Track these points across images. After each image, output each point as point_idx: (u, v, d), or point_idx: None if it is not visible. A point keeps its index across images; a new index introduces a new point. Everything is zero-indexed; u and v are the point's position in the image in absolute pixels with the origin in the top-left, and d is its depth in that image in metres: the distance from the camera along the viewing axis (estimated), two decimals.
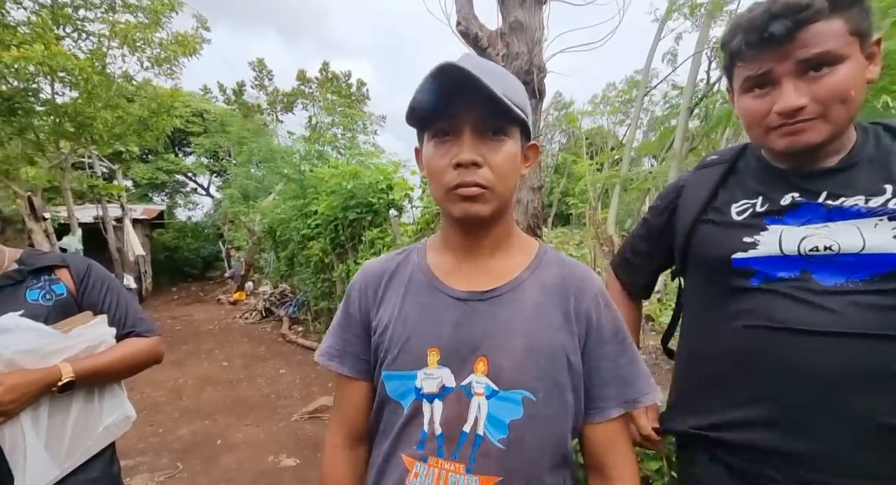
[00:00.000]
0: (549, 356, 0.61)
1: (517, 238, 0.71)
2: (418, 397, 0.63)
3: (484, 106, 0.58)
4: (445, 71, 0.55)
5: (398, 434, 0.64)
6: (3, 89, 4.89)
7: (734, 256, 0.73)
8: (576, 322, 0.64)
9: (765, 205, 0.73)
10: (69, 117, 5.55)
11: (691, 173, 0.90)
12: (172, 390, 4.27)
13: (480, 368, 0.61)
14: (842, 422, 0.63)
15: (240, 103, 18.92)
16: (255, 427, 3.39)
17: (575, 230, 15.13)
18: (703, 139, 3.53)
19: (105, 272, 1.11)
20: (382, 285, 0.71)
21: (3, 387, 0.82)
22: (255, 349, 5.76)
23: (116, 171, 9.61)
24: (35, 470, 0.86)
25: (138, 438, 3.19)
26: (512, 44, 1.82)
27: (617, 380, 0.64)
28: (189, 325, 7.56)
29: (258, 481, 2.63)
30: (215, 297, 10.50)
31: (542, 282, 0.66)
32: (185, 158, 16.51)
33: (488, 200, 0.61)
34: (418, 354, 0.63)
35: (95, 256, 1.11)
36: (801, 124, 0.66)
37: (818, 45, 0.63)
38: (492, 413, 0.60)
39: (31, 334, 0.88)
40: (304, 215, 5.76)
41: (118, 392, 1.05)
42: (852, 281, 0.64)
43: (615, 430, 0.65)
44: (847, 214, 0.66)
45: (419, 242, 0.77)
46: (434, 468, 0.61)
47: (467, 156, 0.58)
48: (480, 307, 0.64)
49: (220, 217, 13.72)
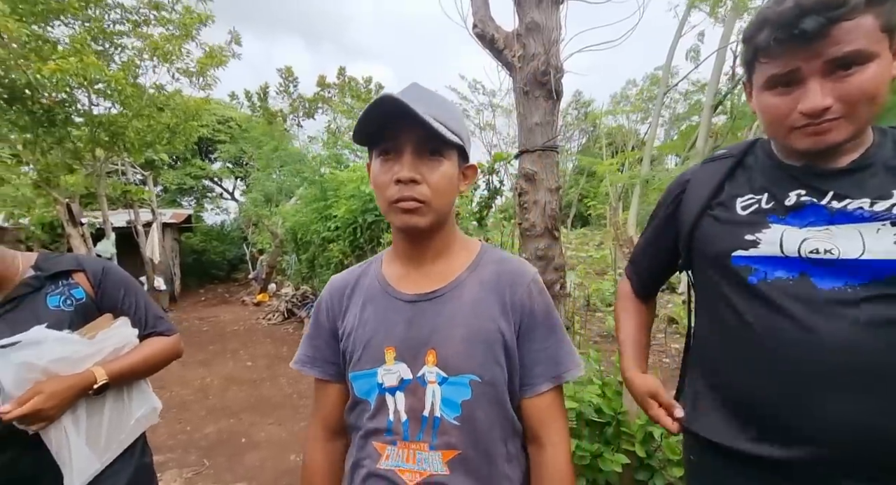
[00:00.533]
0: (489, 343, 0.70)
1: (459, 243, 0.80)
2: (381, 391, 0.72)
3: (421, 131, 0.66)
4: (382, 102, 0.64)
5: (368, 427, 0.73)
6: (43, 101, 5.17)
7: (734, 254, 0.73)
8: (511, 311, 0.72)
9: (770, 202, 0.73)
10: (104, 127, 5.83)
11: (698, 167, 0.89)
12: (199, 388, 4.41)
13: (431, 359, 0.70)
14: (837, 430, 0.63)
15: (264, 109, 19.46)
16: (278, 426, 3.46)
17: (595, 231, 14.88)
18: (727, 137, 3.40)
19: (122, 273, 1.11)
20: (346, 296, 0.80)
21: (44, 395, 0.85)
22: (277, 350, 5.90)
23: (148, 177, 10.04)
24: (80, 465, 0.92)
25: (168, 435, 3.31)
26: (528, 45, 1.81)
27: (546, 359, 0.73)
28: (215, 325, 7.81)
29: (280, 480, 2.69)
30: (240, 298, 10.80)
31: (481, 279, 0.75)
32: (211, 164, 17.08)
33: (425, 213, 0.69)
34: (377, 354, 0.72)
35: (128, 259, 1.16)
36: (826, 124, 0.64)
37: (850, 43, 0.61)
38: (445, 397, 0.69)
39: (61, 344, 0.92)
40: (324, 218, 5.87)
41: (144, 387, 1.10)
42: (851, 285, 0.63)
43: (546, 402, 0.73)
44: (850, 217, 0.65)
45: (377, 255, 0.87)
46: (402, 450, 0.70)
47: (406, 173, 0.67)
48: (427, 307, 0.73)
49: (244, 220, 14.13)
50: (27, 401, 0.84)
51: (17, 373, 0.86)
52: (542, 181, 1.84)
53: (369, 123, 0.67)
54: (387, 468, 0.70)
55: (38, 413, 0.84)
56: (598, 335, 5.35)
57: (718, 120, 4.67)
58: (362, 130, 0.70)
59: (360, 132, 0.70)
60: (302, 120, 19.91)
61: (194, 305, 10.36)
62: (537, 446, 0.74)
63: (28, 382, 0.87)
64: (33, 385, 0.87)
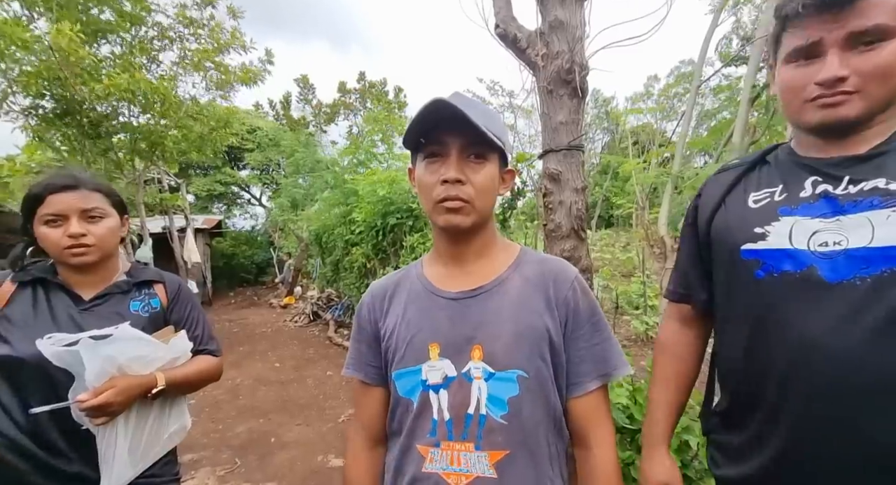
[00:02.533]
0: (535, 337, 0.70)
1: (499, 244, 0.82)
2: (425, 389, 0.71)
3: (468, 135, 0.69)
4: (437, 105, 0.66)
5: (411, 428, 0.73)
6: (91, 115, 5.50)
7: (744, 247, 0.72)
8: (556, 307, 0.73)
9: (783, 195, 0.72)
10: (143, 137, 6.15)
11: (712, 177, 0.90)
12: (230, 389, 4.55)
13: (476, 354, 0.70)
14: (845, 438, 0.61)
15: (287, 117, 20.02)
16: (306, 427, 3.53)
17: (621, 232, 14.49)
18: (765, 131, 3.22)
19: (190, 292, 1.21)
20: (387, 299, 0.82)
21: (116, 389, 0.89)
22: (304, 351, 6.03)
23: (182, 184, 10.49)
24: (119, 470, 0.94)
25: (202, 433, 3.43)
26: (552, 43, 1.78)
27: (593, 357, 0.73)
28: (245, 327, 8.06)
29: (309, 480, 2.73)
30: (267, 301, 11.12)
31: (524, 276, 0.76)
32: (239, 172, 17.71)
33: (468, 213, 0.71)
34: (421, 350, 0.73)
35: (163, 264, 1.21)
36: (839, 97, 0.64)
37: (876, 16, 0.61)
38: (491, 393, 0.69)
39: (140, 344, 0.97)
40: (347, 222, 5.97)
41: (182, 403, 1.12)
42: (860, 277, 0.61)
43: (594, 401, 0.73)
44: (860, 206, 0.63)
45: (417, 260, 0.89)
46: (447, 451, 0.69)
47: (453, 174, 0.69)
48: (471, 303, 0.74)
49: (271, 225, 14.55)
50: (102, 393, 0.88)
51: (101, 365, 0.89)
52: (568, 181, 1.81)
53: (422, 126, 0.70)
54: (431, 472, 0.69)
55: (107, 406, 0.88)
56: (627, 338, 5.20)
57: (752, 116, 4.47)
58: (415, 134, 0.72)
59: (412, 136, 0.73)
60: (324, 126, 20.37)
61: (225, 308, 10.73)
62: (584, 448, 0.73)
63: (106, 374, 0.90)
64: (109, 379, 0.91)
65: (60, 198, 0.98)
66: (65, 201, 0.98)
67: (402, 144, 0.79)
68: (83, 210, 0.99)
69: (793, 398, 0.65)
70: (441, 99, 0.66)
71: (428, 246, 4.10)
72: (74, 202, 0.99)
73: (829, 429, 0.62)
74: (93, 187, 1.03)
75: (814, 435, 0.63)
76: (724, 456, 0.79)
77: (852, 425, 0.60)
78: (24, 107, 5.26)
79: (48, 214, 0.97)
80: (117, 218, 1.08)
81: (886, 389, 0.58)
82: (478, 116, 0.67)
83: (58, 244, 0.98)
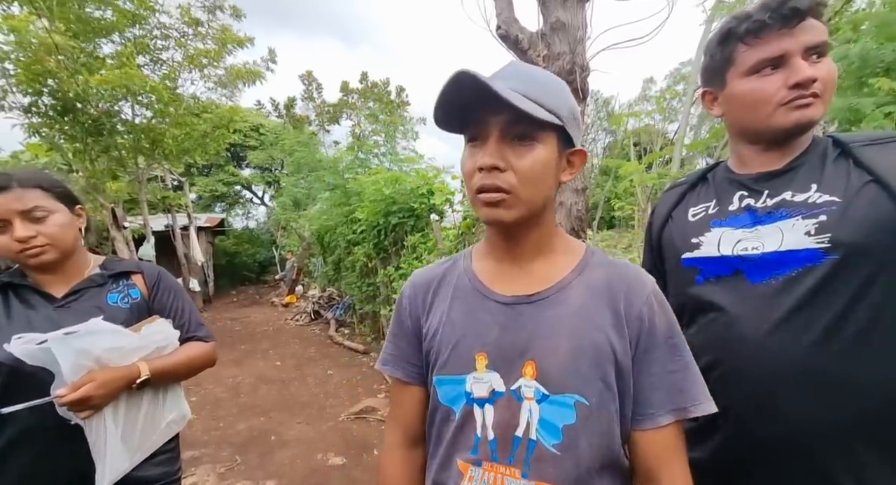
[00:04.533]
0: (598, 358, 0.59)
1: (561, 241, 0.70)
2: (469, 402, 0.63)
3: (509, 112, 0.57)
4: (458, 80, 0.56)
5: (452, 440, 0.65)
6: (92, 112, 5.54)
7: (683, 256, 0.82)
8: (626, 324, 0.61)
9: (715, 208, 0.83)
10: (145, 134, 6.19)
11: (662, 195, 1.00)
12: (232, 387, 4.57)
13: (529, 371, 0.61)
14: (774, 422, 0.70)
15: (290, 116, 20.06)
16: (306, 425, 3.54)
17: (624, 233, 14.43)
18: None
19: (173, 280, 1.19)
20: (431, 292, 0.73)
21: (95, 382, 0.89)
22: (305, 350, 6.04)
23: (185, 182, 10.53)
24: (113, 460, 0.94)
25: (203, 430, 3.44)
26: (553, 44, 1.79)
27: (668, 386, 0.60)
28: (246, 326, 8.08)
29: (309, 478, 2.75)
30: (269, 299, 11.15)
31: (589, 283, 0.64)
32: (242, 171, 17.75)
33: (511, 205, 0.60)
34: (466, 358, 0.64)
35: (165, 261, 1.22)
36: (810, 98, 0.72)
37: (818, 34, 0.71)
38: (544, 417, 0.59)
39: (113, 335, 0.97)
40: (348, 221, 5.98)
41: (178, 391, 1.12)
42: (775, 278, 0.72)
43: (666, 438, 0.61)
44: (773, 217, 0.74)
45: (466, 249, 0.78)
46: (489, 472, 0.61)
47: (487, 160, 0.59)
48: (526, 310, 0.64)
49: (273, 224, 14.58)
50: (81, 387, 0.87)
51: (75, 359, 0.89)
52: (568, 182, 1.82)
53: (448, 104, 0.60)
54: None
55: (88, 400, 0.88)
56: None
57: None
58: (442, 114, 0.62)
59: (440, 116, 0.62)
60: (327, 125, 20.40)
61: (227, 306, 10.76)
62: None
63: (83, 368, 0.90)
64: (87, 372, 0.90)
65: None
66: (1, 205, 0.91)
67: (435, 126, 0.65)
68: (22, 211, 0.93)
69: (731, 390, 0.72)
70: (463, 72, 0.55)
71: (429, 245, 4.11)
72: (9, 204, 0.92)
73: (754, 411, 0.71)
74: (30, 184, 0.95)
75: (746, 418, 0.72)
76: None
77: (772, 406, 0.70)
78: (25, 105, 5.30)
79: None
80: (66, 211, 1.01)
81: (793, 372, 0.68)
82: (524, 87, 0.57)
83: (9, 249, 0.93)
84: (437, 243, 3.85)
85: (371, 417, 3.59)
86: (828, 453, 0.67)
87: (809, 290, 0.68)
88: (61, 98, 5.24)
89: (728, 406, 0.72)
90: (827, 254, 0.68)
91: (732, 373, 0.73)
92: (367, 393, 4.19)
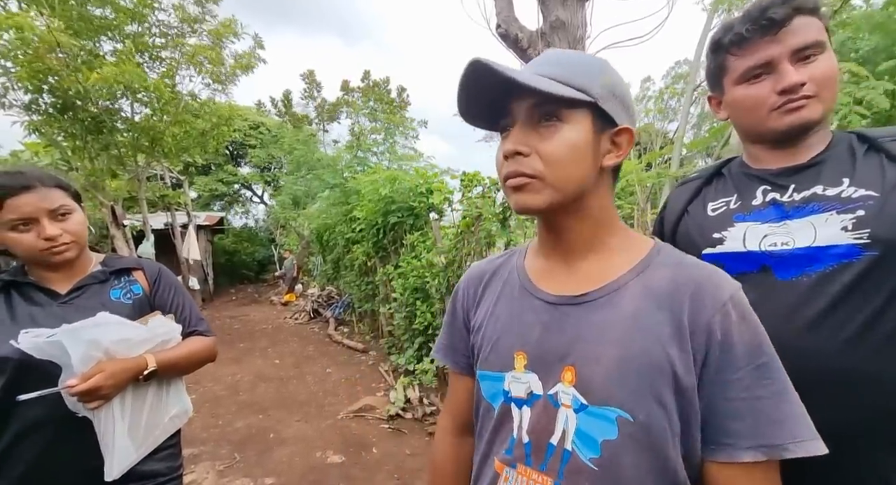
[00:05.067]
0: (651, 371, 0.52)
1: (619, 238, 0.63)
2: (506, 401, 0.62)
3: (532, 95, 0.55)
4: (473, 70, 0.54)
5: (491, 436, 0.64)
6: (92, 110, 5.53)
7: (704, 252, 0.79)
8: (690, 335, 0.52)
9: (737, 203, 0.80)
10: (144, 133, 6.18)
11: (674, 189, 0.97)
12: (231, 385, 4.57)
13: (568, 377, 0.56)
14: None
15: (290, 114, 20.04)
16: (305, 423, 3.55)
17: None
18: None
19: (173, 276, 1.21)
20: (482, 286, 0.72)
21: (105, 373, 0.90)
22: (304, 349, 6.04)
23: (184, 181, 10.52)
24: (120, 455, 0.94)
25: (202, 428, 3.45)
26: (553, 43, 1.79)
27: (753, 415, 0.50)
28: (245, 324, 8.08)
29: (307, 476, 2.75)
30: (268, 298, 11.14)
31: (650, 285, 0.56)
32: (241, 170, 17.73)
33: (538, 190, 0.57)
34: (505, 356, 0.62)
35: (165, 259, 1.23)
36: (802, 100, 0.72)
37: (808, 34, 0.71)
38: (581, 429, 0.54)
39: (121, 327, 0.98)
40: (348, 220, 5.98)
41: (180, 386, 1.13)
42: (807, 274, 0.69)
43: (747, 477, 0.51)
44: (803, 211, 0.72)
45: (524, 243, 0.78)
46: (522, 477, 0.59)
47: (509, 146, 0.57)
48: (572, 312, 0.59)
49: (272, 223, 14.58)
50: (91, 377, 0.88)
51: (85, 350, 0.90)
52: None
53: (470, 98, 0.58)
54: None
55: (98, 390, 0.88)
56: None
57: None
58: (465, 107, 0.61)
59: (464, 109, 0.61)
60: (326, 124, 20.38)
61: (226, 304, 10.76)
62: None
63: (92, 359, 0.91)
64: (96, 363, 0.91)
65: (23, 201, 0.93)
66: (29, 204, 0.94)
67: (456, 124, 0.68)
68: (50, 210, 0.96)
69: None
70: (476, 60, 0.53)
71: (428, 244, 4.11)
72: (39, 203, 0.95)
73: None
74: (51, 183, 0.99)
75: None
76: None
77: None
78: (25, 103, 5.30)
79: (14, 220, 0.93)
80: (80, 210, 1.06)
81: (825, 371, 0.65)
82: (550, 70, 0.55)
83: (34, 248, 0.96)
84: (436, 242, 3.85)
85: (370, 415, 3.59)
86: (860, 453, 0.65)
87: (845, 287, 0.66)
88: (61, 96, 5.24)
89: None
90: (865, 250, 0.66)
91: None
92: (365, 392, 4.19)
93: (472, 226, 3.25)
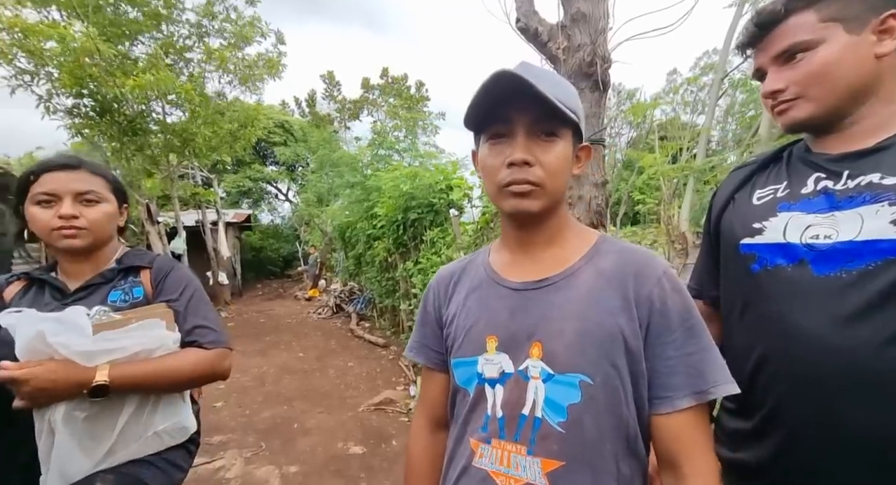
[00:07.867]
0: (605, 339, 0.61)
1: (573, 230, 0.73)
2: (480, 382, 0.67)
3: (537, 109, 0.62)
4: (501, 78, 0.60)
5: (465, 419, 0.70)
6: (127, 113, 5.81)
7: (742, 242, 0.76)
8: (636, 306, 0.62)
9: (786, 191, 0.75)
10: (176, 134, 6.45)
11: (728, 175, 0.93)
12: (257, 376, 4.74)
13: (535, 352, 0.63)
14: (824, 424, 0.64)
15: (313, 114, 20.43)
16: (327, 415, 3.64)
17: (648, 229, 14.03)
18: None
19: (187, 276, 1.09)
20: (452, 284, 0.79)
21: (41, 368, 0.82)
22: (326, 343, 6.19)
23: (213, 179, 10.91)
24: (62, 465, 0.86)
25: (230, 417, 3.59)
26: (574, 36, 1.76)
27: (686, 368, 0.60)
28: (271, 318, 8.34)
29: (329, 465, 2.83)
30: (293, 293, 11.45)
31: (599, 268, 0.66)
32: (267, 167, 18.23)
33: (538, 197, 0.64)
34: (478, 341, 0.68)
35: (196, 255, 1.26)
36: (783, 104, 0.73)
37: (789, 37, 0.70)
38: (549, 396, 0.62)
39: (74, 330, 0.88)
40: (369, 217, 6.07)
41: (177, 402, 1.01)
42: (846, 270, 0.63)
43: (687, 422, 0.60)
44: (854, 201, 0.66)
45: (487, 245, 0.84)
46: (497, 450, 0.64)
47: (520, 155, 0.62)
48: (535, 296, 0.67)
49: (297, 220, 14.95)
50: (26, 369, 0.81)
51: (28, 340, 0.84)
52: (588, 176, 1.79)
53: (486, 102, 0.63)
54: (479, 468, 0.65)
55: (25, 383, 0.81)
56: None
57: None
58: (477, 112, 0.65)
59: (474, 114, 0.66)
60: (348, 122, 20.65)
61: (253, 299, 11.13)
62: (675, 477, 0.60)
63: (36, 351, 0.84)
64: (46, 360, 0.84)
65: (55, 176, 0.92)
66: (59, 180, 0.92)
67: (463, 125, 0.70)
68: (78, 192, 0.94)
69: (784, 390, 0.68)
70: (506, 70, 0.59)
71: (447, 240, 4.13)
72: (69, 182, 0.93)
73: (809, 415, 0.65)
74: (98, 171, 0.98)
75: (797, 421, 0.67)
76: (731, 440, 0.80)
77: (829, 411, 0.63)
78: (68, 107, 5.61)
79: (40, 193, 0.92)
80: (115, 205, 1.03)
81: (859, 374, 0.61)
82: (549, 88, 0.60)
83: (47, 225, 0.92)
84: (455, 238, 3.86)
85: (390, 408, 3.65)
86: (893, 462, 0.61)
87: (890, 285, 0.60)
88: (100, 100, 5.53)
89: (778, 406, 0.69)
90: None
91: (786, 371, 0.67)
92: (385, 385, 4.26)
93: (492, 222, 3.23)
